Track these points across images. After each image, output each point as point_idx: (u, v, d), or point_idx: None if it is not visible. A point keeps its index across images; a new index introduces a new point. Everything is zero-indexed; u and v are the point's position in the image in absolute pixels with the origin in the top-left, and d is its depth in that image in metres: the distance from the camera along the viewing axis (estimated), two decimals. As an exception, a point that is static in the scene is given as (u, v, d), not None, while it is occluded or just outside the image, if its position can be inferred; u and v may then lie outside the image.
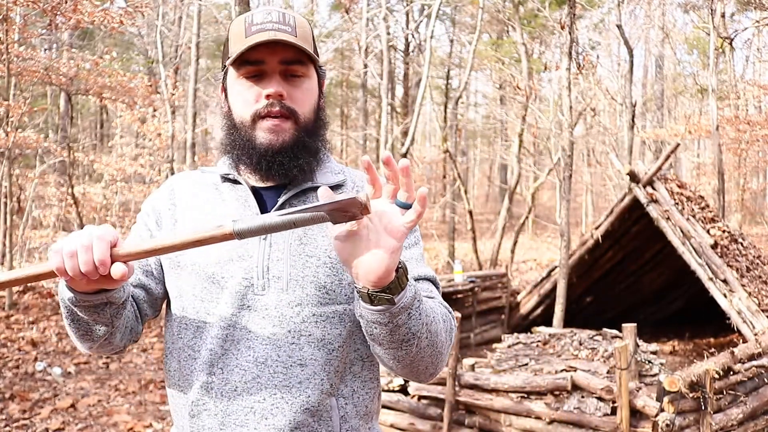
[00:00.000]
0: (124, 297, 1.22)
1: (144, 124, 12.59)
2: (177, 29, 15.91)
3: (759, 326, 5.81)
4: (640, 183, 7.11)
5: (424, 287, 1.33)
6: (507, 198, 13.12)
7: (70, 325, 1.26)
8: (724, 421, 4.17)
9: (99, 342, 1.27)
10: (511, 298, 9.11)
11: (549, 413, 4.31)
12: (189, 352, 1.31)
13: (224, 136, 1.37)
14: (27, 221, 12.11)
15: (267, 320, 1.27)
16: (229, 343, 1.27)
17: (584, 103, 12.37)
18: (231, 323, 1.28)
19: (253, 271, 1.28)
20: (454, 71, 19.76)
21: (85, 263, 1.04)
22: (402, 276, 1.08)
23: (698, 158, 21.26)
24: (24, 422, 5.20)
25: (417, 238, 1.42)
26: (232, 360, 1.27)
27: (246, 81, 1.31)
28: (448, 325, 1.26)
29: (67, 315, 1.23)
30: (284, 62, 1.30)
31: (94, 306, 1.18)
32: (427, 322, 1.16)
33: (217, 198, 1.38)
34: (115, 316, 1.23)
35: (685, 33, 20.24)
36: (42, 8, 7.70)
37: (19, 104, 8.99)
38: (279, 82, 1.29)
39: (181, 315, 1.34)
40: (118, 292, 1.19)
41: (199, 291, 1.31)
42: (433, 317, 1.19)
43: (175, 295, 1.35)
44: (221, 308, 1.29)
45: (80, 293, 1.15)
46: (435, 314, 1.21)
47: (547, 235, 21.42)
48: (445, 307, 1.32)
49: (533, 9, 14.55)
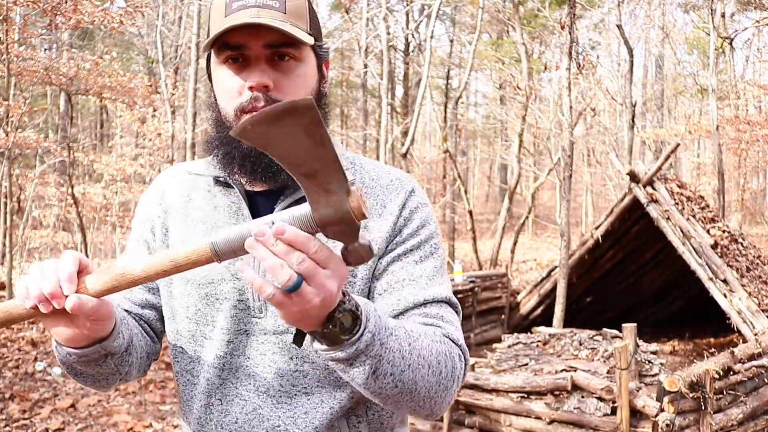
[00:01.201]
0: (125, 344, 1.09)
1: (144, 124, 12.59)
2: (177, 29, 15.92)
3: (759, 326, 5.81)
4: (640, 183, 7.12)
5: (432, 312, 1.14)
6: (507, 198, 13.12)
7: (75, 378, 1.15)
8: (724, 421, 4.17)
9: (112, 386, 1.18)
10: (511, 298, 9.11)
11: (549, 413, 4.31)
12: (188, 377, 1.22)
13: (212, 130, 1.21)
14: (27, 221, 12.12)
15: (267, 345, 1.15)
16: (227, 371, 1.17)
17: (584, 103, 12.37)
18: (228, 350, 1.16)
19: (248, 291, 1.16)
20: (454, 71, 19.76)
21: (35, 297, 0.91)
22: (338, 328, 0.89)
23: (698, 158, 21.26)
24: (24, 422, 5.20)
25: (431, 249, 1.21)
26: (231, 390, 1.17)
27: (228, 68, 1.14)
28: (443, 369, 1.05)
29: (68, 371, 1.12)
30: (270, 46, 1.11)
31: (94, 360, 1.06)
32: (397, 372, 0.97)
33: (209, 204, 1.23)
34: (120, 364, 1.11)
35: (685, 33, 20.25)
36: (42, 8, 7.70)
37: (19, 104, 8.98)
38: (263, 71, 1.11)
39: (175, 338, 1.23)
40: (115, 341, 1.06)
41: (193, 313, 1.19)
42: (413, 363, 0.99)
43: (168, 316, 1.24)
44: (217, 333, 1.17)
45: (72, 349, 1.03)
46: (418, 359, 1.00)
47: (547, 235, 21.42)
48: (452, 340, 1.11)
49: (533, 9, 14.56)
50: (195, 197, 1.26)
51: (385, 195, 1.21)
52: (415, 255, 1.18)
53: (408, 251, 1.18)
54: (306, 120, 0.77)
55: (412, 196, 1.22)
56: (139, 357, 1.18)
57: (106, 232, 13.84)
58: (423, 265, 1.18)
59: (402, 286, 1.15)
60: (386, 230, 1.18)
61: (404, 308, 1.14)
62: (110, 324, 1.02)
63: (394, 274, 1.16)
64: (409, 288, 1.15)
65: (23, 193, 12.49)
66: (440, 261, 1.21)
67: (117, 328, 1.06)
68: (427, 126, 27.57)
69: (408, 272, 1.17)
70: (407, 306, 1.14)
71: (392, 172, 1.26)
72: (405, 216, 1.19)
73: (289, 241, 0.80)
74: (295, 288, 0.80)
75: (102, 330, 1.00)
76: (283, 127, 0.77)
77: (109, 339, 1.04)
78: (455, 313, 1.19)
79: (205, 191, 1.25)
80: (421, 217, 1.21)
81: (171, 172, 1.34)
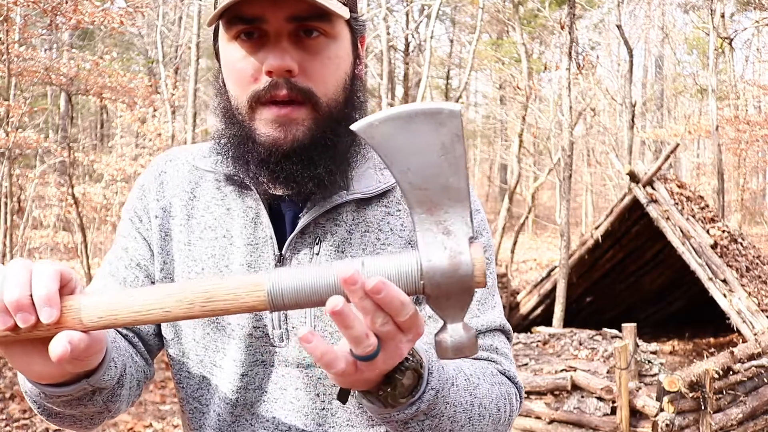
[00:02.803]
0: (117, 375, 0.85)
1: (144, 124, 12.59)
2: (177, 29, 15.92)
3: (759, 326, 5.81)
4: (640, 183, 7.12)
5: (485, 344, 0.97)
6: (507, 198, 13.12)
7: (47, 419, 0.88)
8: (723, 421, 4.17)
9: (97, 426, 0.92)
10: (511, 298, 9.11)
11: (549, 413, 4.31)
12: (195, 405, 1.04)
13: (219, 122, 0.97)
14: (27, 221, 12.11)
15: (288, 379, 0.96)
16: (240, 408, 0.99)
17: (584, 103, 12.37)
18: (242, 383, 0.98)
19: (267, 318, 0.96)
20: (454, 71, 19.76)
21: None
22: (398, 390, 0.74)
23: (698, 158, 21.26)
24: (24, 422, 5.20)
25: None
26: (245, 428, 0.99)
27: (240, 46, 0.90)
28: (502, 415, 0.92)
29: (39, 411, 0.87)
30: (294, 19, 0.87)
31: (76, 399, 0.81)
32: (457, 428, 0.83)
33: (221, 206, 1.01)
34: (110, 400, 0.87)
35: (684, 33, 20.25)
36: (42, 8, 7.70)
37: (20, 104, 8.99)
38: (285, 50, 0.87)
39: (180, 361, 1.04)
40: (106, 373, 0.81)
41: (201, 336, 1.00)
42: (474, 416, 0.85)
43: (171, 337, 1.03)
44: (228, 363, 0.99)
45: (47, 387, 0.77)
46: (479, 409, 0.86)
47: (547, 235, 21.41)
48: (509, 377, 0.97)
49: (533, 9, 14.57)
50: (200, 195, 1.03)
51: None
52: None
53: None
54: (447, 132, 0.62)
55: None
56: (130, 387, 0.94)
57: (107, 232, 13.83)
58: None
59: None
60: None
61: None
62: (100, 356, 0.76)
63: None
64: None
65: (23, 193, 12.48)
66: (491, 280, 1.01)
67: (108, 357, 0.80)
68: (427, 126, 27.51)
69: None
70: None
71: None
72: None
73: (384, 303, 0.63)
74: (372, 358, 0.66)
75: (88, 364, 0.74)
76: (418, 135, 0.62)
77: (98, 372, 0.79)
78: (509, 342, 1.03)
79: (214, 188, 1.02)
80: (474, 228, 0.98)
81: (168, 156, 1.08)
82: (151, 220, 1.04)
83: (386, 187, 0.98)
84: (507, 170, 22.96)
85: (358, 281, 0.61)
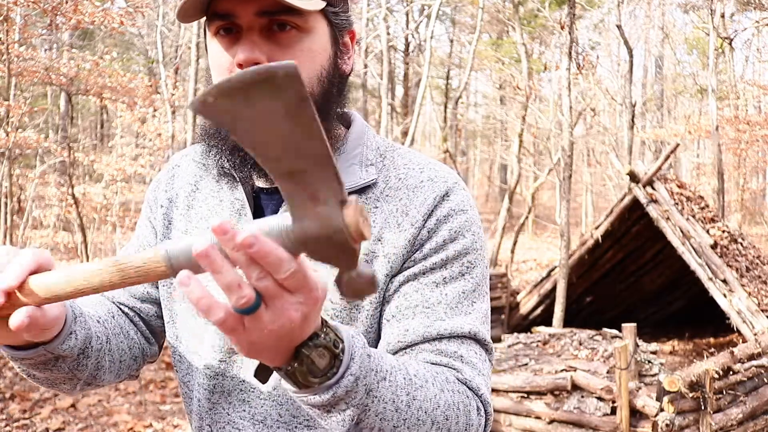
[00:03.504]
0: (79, 345, 0.90)
1: (144, 125, 12.59)
2: (177, 29, 15.92)
3: (758, 326, 5.81)
4: (640, 183, 7.12)
5: (447, 350, 0.92)
6: (507, 198, 13.12)
7: (29, 379, 0.97)
8: (723, 421, 4.17)
9: (76, 390, 0.99)
10: (511, 298, 9.11)
11: (549, 413, 4.32)
12: (185, 390, 1.08)
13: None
14: (27, 221, 12.12)
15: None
16: (217, 395, 1.01)
17: (584, 103, 12.38)
18: (220, 370, 1.00)
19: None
20: (454, 71, 19.77)
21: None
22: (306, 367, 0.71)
23: (698, 158, 21.26)
24: (24, 422, 5.20)
25: (462, 268, 0.96)
26: (222, 416, 1.00)
27: (219, 42, 0.94)
28: (452, 426, 0.85)
29: (20, 371, 0.94)
30: (264, 13, 0.90)
31: (41, 363, 0.88)
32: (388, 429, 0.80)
33: (215, 197, 1.06)
34: (77, 368, 0.93)
35: (684, 33, 20.26)
36: (42, 8, 7.70)
37: (20, 104, 8.99)
38: (255, 43, 0.91)
39: (175, 345, 1.08)
40: (65, 342, 0.86)
41: (185, 321, 1.05)
42: (410, 419, 0.81)
43: (167, 320, 1.08)
44: (207, 350, 1.01)
45: (9, 349, 0.85)
46: (418, 413, 0.81)
47: (547, 235, 21.41)
48: (470, 387, 0.90)
49: (533, 9, 14.57)
50: (202, 187, 1.09)
51: (410, 199, 0.97)
52: (436, 275, 0.94)
53: (428, 270, 0.95)
54: (287, 95, 0.56)
55: (444, 202, 0.97)
56: (117, 360, 1.02)
57: (107, 232, 13.84)
58: (445, 289, 0.94)
59: (413, 314, 0.93)
60: (402, 245, 0.95)
61: (411, 342, 0.92)
62: (57, 328, 0.83)
63: (406, 298, 0.94)
64: (421, 317, 0.93)
65: (24, 193, 12.49)
66: (473, 284, 0.96)
67: (67, 328, 0.86)
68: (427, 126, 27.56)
69: (423, 296, 0.94)
70: (415, 339, 0.92)
71: (426, 171, 1.00)
72: (430, 227, 0.95)
73: (258, 257, 0.61)
74: (251, 311, 0.63)
75: (43, 335, 0.80)
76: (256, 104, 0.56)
77: (56, 341, 0.85)
78: (483, 352, 0.95)
79: (214, 181, 1.07)
80: (451, 228, 0.96)
81: (185, 152, 1.17)
82: (158, 209, 1.12)
83: (366, 182, 0.98)
84: (507, 170, 22.96)
85: (228, 231, 0.60)
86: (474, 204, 1.02)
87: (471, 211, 0.99)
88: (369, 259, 0.95)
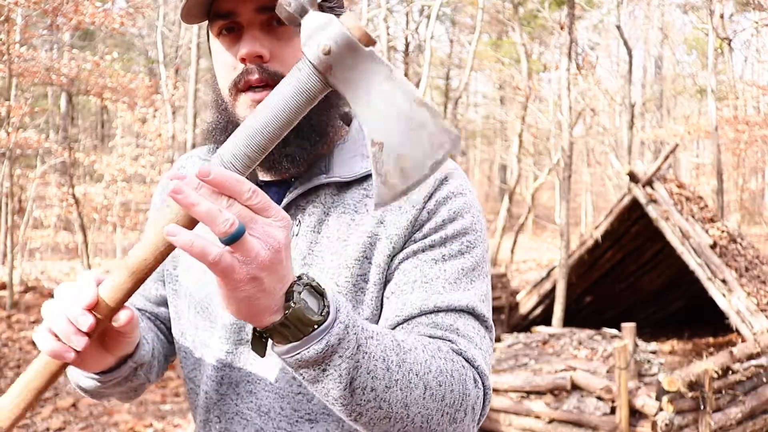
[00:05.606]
0: (151, 348, 1.02)
1: (144, 125, 12.60)
2: (177, 30, 15.93)
3: (758, 326, 5.83)
4: (639, 183, 7.14)
5: (443, 323, 0.92)
6: (507, 198, 13.14)
7: (98, 399, 1.05)
8: (723, 421, 4.19)
9: (140, 395, 1.09)
10: (510, 297, 9.12)
11: (549, 413, 4.33)
12: (191, 385, 1.11)
13: (211, 113, 1.06)
14: (28, 221, 12.13)
15: (268, 362, 0.99)
16: (225, 386, 1.03)
17: (584, 103, 12.39)
18: (227, 362, 1.03)
19: None
20: (454, 71, 19.78)
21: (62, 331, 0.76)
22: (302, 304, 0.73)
23: (697, 158, 21.28)
24: (25, 422, 5.21)
25: (462, 247, 0.98)
26: (230, 407, 1.03)
27: (222, 41, 0.99)
28: (446, 393, 0.83)
29: (93, 397, 1.03)
30: (263, 9, 0.95)
31: (125, 378, 0.97)
32: (381, 388, 0.79)
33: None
34: (149, 371, 1.04)
35: (684, 33, 20.27)
36: (43, 9, 7.72)
37: (20, 104, 9.01)
38: (257, 38, 0.96)
39: (180, 341, 1.11)
40: (143, 348, 0.97)
41: (193, 316, 1.07)
42: (401, 380, 0.80)
43: (173, 316, 1.12)
44: (215, 343, 1.04)
45: (101, 375, 0.93)
46: (409, 375, 0.81)
47: (546, 235, 21.42)
48: (466, 358, 0.89)
49: (533, 9, 14.58)
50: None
51: None
52: (435, 252, 0.96)
53: (427, 248, 0.96)
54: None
55: (443, 185, 1.00)
56: (158, 360, 1.10)
57: (107, 233, 13.86)
58: (444, 265, 0.95)
59: (411, 289, 0.94)
60: (404, 225, 0.97)
61: (409, 315, 0.93)
62: (138, 333, 0.91)
63: (405, 274, 0.96)
64: (419, 291, 0.94)
65: (24, 193, 12.50)
66: (472, 263, 0.98)
67: (141, 335, 0.96)
68: (427, 126, 27.53)
69: (422, 272, 0.95)
70: (412, 312, 0.93)
71: None
72: (430, 208, 0.98)
73: (218, 186, 0.68)
74: (237, 236, 0.67)
75: (129, 344, 0.89)
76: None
77: (137, 350, 0.95)
78: (481, 328, 0.95)
79: None
80: (451, 208, 0.98)
81: (190, 153, 1.22)
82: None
83: (367, 171, 1.01)
84: (507, 170, 22.98)
85: (187, 175, 0.68)
86: (473, 189, 1.05)
87: (470, 194, 1.02)
88: (372, 241, 0.98)
